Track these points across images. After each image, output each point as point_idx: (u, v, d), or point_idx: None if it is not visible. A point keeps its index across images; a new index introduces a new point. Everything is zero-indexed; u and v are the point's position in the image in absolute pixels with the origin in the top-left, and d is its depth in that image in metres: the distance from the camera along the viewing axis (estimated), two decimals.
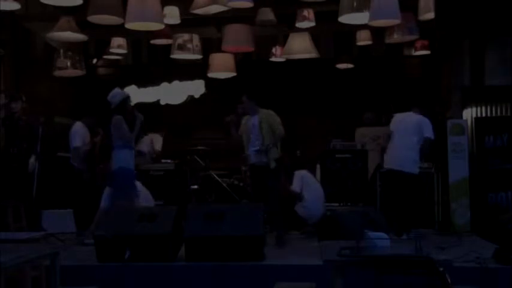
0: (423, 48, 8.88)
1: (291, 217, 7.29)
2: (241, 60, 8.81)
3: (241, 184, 8.75)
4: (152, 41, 8.43)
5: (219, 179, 8.75)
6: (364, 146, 8.57)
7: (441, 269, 3.80)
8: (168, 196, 8.01)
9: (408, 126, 6.92)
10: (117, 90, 6.78)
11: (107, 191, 6.77)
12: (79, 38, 7.46)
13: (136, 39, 9.35)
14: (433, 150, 7.56)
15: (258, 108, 6.78)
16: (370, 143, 8.70)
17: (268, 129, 6.68)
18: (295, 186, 7.37)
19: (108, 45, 8.90)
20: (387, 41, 7.77)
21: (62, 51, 8.42)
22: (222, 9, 6.81)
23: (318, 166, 8.51)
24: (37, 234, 5.47)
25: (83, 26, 7.30)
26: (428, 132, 6.83)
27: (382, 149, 7.42)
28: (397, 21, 6.39)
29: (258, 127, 6.71)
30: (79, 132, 7.42)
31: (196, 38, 7.93)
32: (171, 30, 7.80)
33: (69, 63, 8.41)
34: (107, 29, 7.60)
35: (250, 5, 6.54)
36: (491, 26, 8.59)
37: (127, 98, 6.65)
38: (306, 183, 7.42)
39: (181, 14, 7.44)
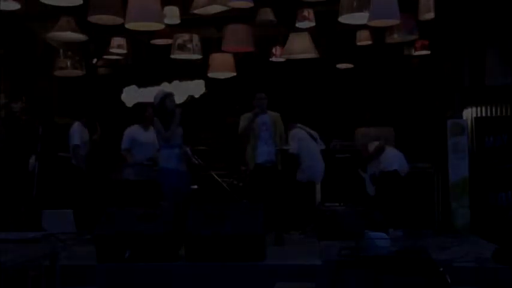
0: (423, 48, 8.87)
1: (291, 217, 7.30)
2: (241, 60, 8.81)
3: (241, 184, 8.74)
4: (152, 41, 8.43)
5: (219, 179, 8.74)
6: None
7: (441, 269, 3.81)
8: None
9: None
10: (158, 91, 6.84)
11: None
12: (79, 38, 7.46)
13: (137, 39, 9.35)
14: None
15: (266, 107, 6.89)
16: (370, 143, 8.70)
17: (277, 131, 6.81)
18: (293, 147, 7.41)
19: (108, 45, 8.90)
20: (387, 41, 7.77)
21: (62, 51, 8.42)
22: (222, 9, 6.80)
23: None
24: (37, 234, 5.48)
25: (83, 26, 7.30)
26: None
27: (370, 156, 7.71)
28: (397, 21, 6.39)
29: (272, 126, 6.79)
30: (77, 131, 7.45)
31: (196, 38, 7.93)
32: (171, 30, 7.80)
33: (69, 63, 8.41)
34: (107, 29, 7.60)
35: (250, 5, 6.54)
36: (491, 26, 8.59)
37: (164, 97, 6.59)
38: (301, 142, 7.46)
39: (181, 14, 7.44)
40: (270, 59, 9.24)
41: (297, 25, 7.71)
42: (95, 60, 10.44)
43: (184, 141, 6.76)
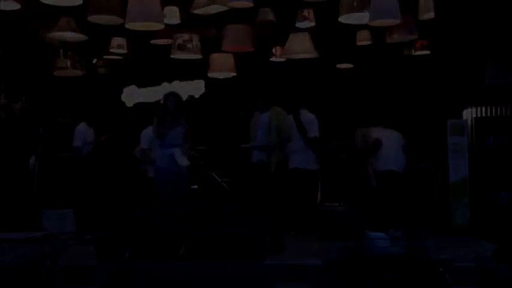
0: (423, 48, 8.88)
1: (290, 218, 7.29)
2: (241, 60, 8.81)
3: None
4: (152, 41, 8.44)
5: (219, 179, 8.75)
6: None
7: (441, 269, 3.81)
8: None
9: (394, 135, 7.86)
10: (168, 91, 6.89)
11: None
12: (79, 38, 7.46)
13: (136, 39, 9.36)
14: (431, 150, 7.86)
15: (269, 106, 6.73)
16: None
17: (276, 128, 6.61)
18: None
19: (108, 45, 8.90)
20: (387, 41, 7.78)
21: (62, 51, 8.42)
22: (222, 9, 6.80)
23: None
24: (37, 234, 5.48)
25: (83, 26, 7.30)
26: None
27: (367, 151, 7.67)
28: (397, 21, 6.40)
29: (267, 124, 6.65)
30: (80, 132, 7.48)
31: (196, 38, 7.93)
32: (171, 30, 7.80)
33: (69, 63, 8.42)
34: (107, 29, 7.60)
35: (250, 5, 6.54)
36: (491, 26, 8.59)
37: (165, 97, 6.62)
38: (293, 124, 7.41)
39: (181, 14, 7.45)
40: (270, 59, 9.24)
41: (297, 25, 7.71)
42: (94, 60, 10.44)
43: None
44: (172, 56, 8.05)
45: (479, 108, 9.02)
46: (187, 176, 6.68)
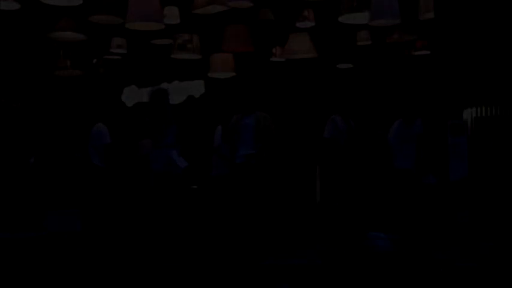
0: (423, 48, 8.88)
1: (288, 217, 7.30)
2: (241, 60, 8.81)
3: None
4: (152, 41, 8.44)
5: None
6: None
7: (441, 268, 3.82)
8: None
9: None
10: (151, 88, 6.83)
11: None
12: (79, 38, 7.47)
13: (136, 39, 9.36)
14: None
15: (254, 109, 6.72)
16: None
17: (263, 133, 6.61)
18: (326, 131, 7.43)
19: (108, 45, 8.90)
20: (387, 41, 7.78)
21: (62, 51, 8.43)
22: (222, 9, 6.81)
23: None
24: (37, 234, 5.49)
25: (83, 26, 7.30)
26: None
27: None
28: (397, 21, 6.40)
29: (255, 128, 6.64)
30: (99, 131, 7.57)
31: (196, 38, 7.94)
32: (171, 30, 7.80)
33: (69, 63, 8.43)
34: (107, 29, 7.61)
35: (250, 5, 6.54)
36: (491, 25, 8.59)
37: (156, 95, 6.57)
38: (337, 128, 7.43)
39: (181, 14, 7.45)
40: (270, 59, 9.24)
41: (297, 25, 7.71)
42: (94, 60, 10.44)
43: (183, 141, 6.71)
44: (172, 56, 8.05)
45: (479, 108, 9.02)
46: (185, 177, 6.67)
